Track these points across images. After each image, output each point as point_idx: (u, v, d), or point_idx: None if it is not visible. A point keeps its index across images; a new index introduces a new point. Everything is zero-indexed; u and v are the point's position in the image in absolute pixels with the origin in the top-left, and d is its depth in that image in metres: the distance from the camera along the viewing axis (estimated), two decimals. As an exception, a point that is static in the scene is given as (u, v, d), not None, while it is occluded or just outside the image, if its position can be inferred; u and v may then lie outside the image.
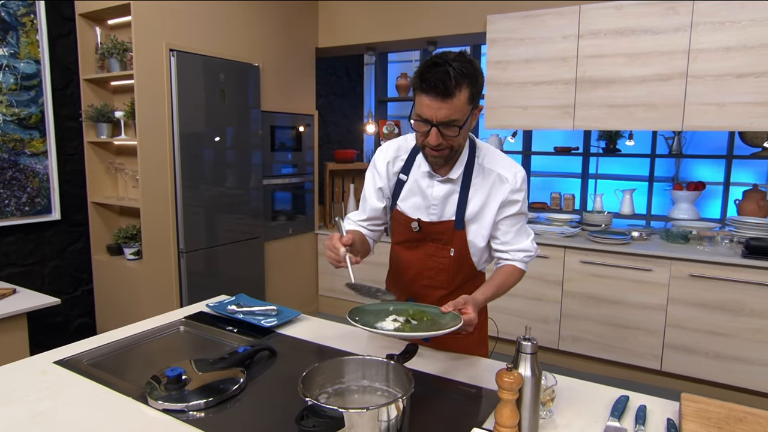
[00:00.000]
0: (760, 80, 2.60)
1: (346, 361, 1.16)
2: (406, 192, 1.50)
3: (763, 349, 2.65)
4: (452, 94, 1.23)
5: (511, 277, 1.48)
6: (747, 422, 1.14)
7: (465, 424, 1.19)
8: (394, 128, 5.13)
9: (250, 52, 3.48)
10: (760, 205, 3.45)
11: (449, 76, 1.21)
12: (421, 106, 1.27)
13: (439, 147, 1.31)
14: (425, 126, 1.29)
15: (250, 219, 3.53)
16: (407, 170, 1.50)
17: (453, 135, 1.29)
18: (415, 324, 1.29)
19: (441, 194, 1.46)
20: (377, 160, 1.54)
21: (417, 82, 1.26)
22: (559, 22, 3.04)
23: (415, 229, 1.49)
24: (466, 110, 1.27)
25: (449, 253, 1.48)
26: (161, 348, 1.65)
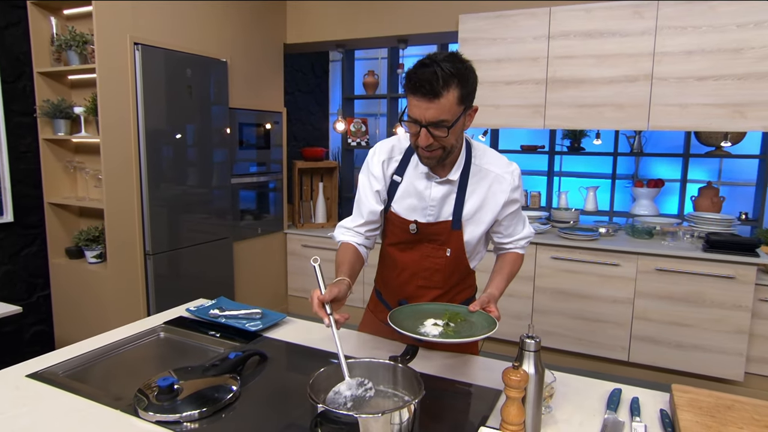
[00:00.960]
0: (719, 83, 2.74)
1: (351, 364, 1.13)
2: (400, 193, 1.48)
3: (722, 338, 2.80)
4: (439, 95, 1.22)
5: (516, 264, 1.54)
6: (735, 409, 1.19)
7: (468, 422, 1.19)
8: (362, 126, 5.11)
9: (218, 47, 3.38)
10: (713, 201, 3.64)
11: (437, 77, 1.20)
12: (411, 107, 1.27)
13: (430, 147, 1.31)
14: (415, 126, 1.28)
15: (218, 219, 3.42)
16: (402, 171, 1.48)
17: (442, 135, 1.28)
18: (453, 326, 1.30)
19: (439, 195, 1.44)
20: (372, 163, 1.50)
21: (406, 83, 1.26)
22: (531, 23, 3.10)
23: (413, 231, 1.48)
24: (456, 111, 1.26)
25: (445, 253, 1.48)
26: (142, 356, 1.57)
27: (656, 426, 1.20)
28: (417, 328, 1.27)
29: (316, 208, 4.40)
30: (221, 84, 3.37)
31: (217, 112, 3.35)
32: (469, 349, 1.63)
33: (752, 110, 2.69)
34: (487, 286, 1.47)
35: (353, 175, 5.13)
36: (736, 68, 2.70)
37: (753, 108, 2.69)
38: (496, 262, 1.57)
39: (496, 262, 1.57)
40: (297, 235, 4.12)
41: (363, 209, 1.50)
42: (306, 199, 4.43)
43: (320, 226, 4.30)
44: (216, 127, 3.34)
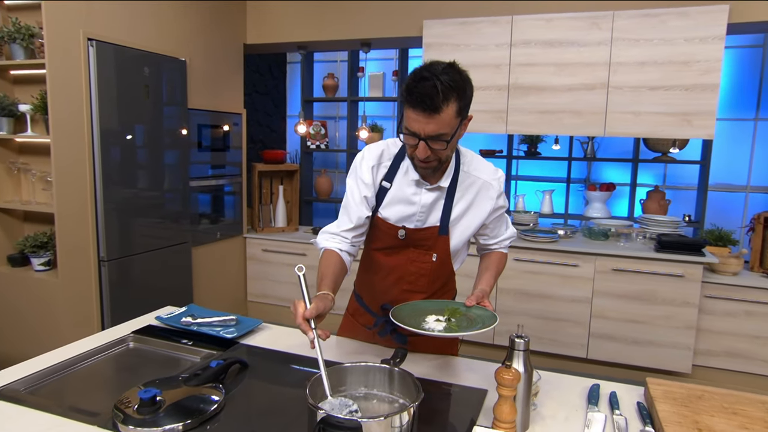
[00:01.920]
0: (669, 93, 2.91)
1: (348, 368, 1.12)
2: (389, 199, 1.47)
3: (672, 334, 2.96)
4: (440, 109, 1.21)
5: (501, 262, 1.59)
6: (705, 399, 1.26)
7: (460, 422, 1.20)
8: (321, 129, 5.07)
9: (176, 45, 3.26)
10: (660, 204, 3.85)
11: (437, 91, 1.20)
12: (409, 120, 1.26)
13: (428, 159, 1.31)
14: (413, 139, 1.28)
15: (176, 223, 3.30)
16: (391, 177, 1.46)
17: (441, 148, 1.28)
18: (455, 321, 1.32)
19: (429, 201, 1.45)
20: (362, 169, 1.46)
21: (405, 96, 1.24)
22: (494, 30, 3.18)
23: (401, 237, 1.47)
24: (455, 123, 1.26)
25: (431, 258, 1.48)
26: (113, 367, 1.49)
27: (635, 418, 1.25)
28: (420, 325, 1.28)
29: (276, 211, 4.32)
30: (180, 84, 3.25)
31: (175, 112, 3.24)
32: (450, 350, 1.65)
33: (698, 119, 2.87)
34: (477, 283, 1.50)
35: (312, 178, 5.08)
36: (684, 79, 2.87)
37: (698, 117, 2.87)
38: (482, 261, 1.59)
39: (481, 261, 1.59)
40: (257, 239, 4.04)
41: (352, 214, 1.46)
42: (266, 202, 4.34)
43: (281, 230, 4.23)
44: (174, 128, 3.22)
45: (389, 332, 1.56)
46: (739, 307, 2.89)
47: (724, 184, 4.04)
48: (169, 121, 3.18)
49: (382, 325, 1.57)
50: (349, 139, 4.85)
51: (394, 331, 1.55)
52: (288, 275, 3.96)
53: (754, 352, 2.90)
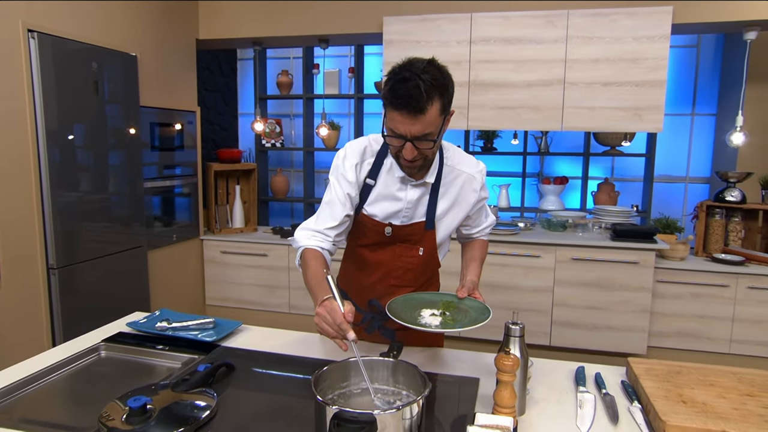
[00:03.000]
0: (621, 89, 3.05)
1: (352, 363, 1.10)
2: (374, 197, 1.46)
3: (629, 318, 3.12)
4: (424, 110, 1.20)
5: (484, 249, 1.62)
6: (683, 374, 1.34)
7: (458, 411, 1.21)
8: (276, 126, 4.98)
9: (126, 39, 3.10)
10: (610, 195, 4.04)
11: (420, 91, 1.18)
12: (394, 122, 1.24)
13: (414, 159, 1.31)
14: (399, 141, 1.27)
15: (130, 226, 3.14)
16: (375, 174, 1.45)
17: (428, 148, 1.29)
18: (449, 315, 1.32)
19: (415, 197, 1.45)
20: (344, 166, 1.44)
21: (387, 98, 1.23)
22: (453, 27, 3.22)
23: (388, 234, 1.47)
24: (439, 122, 1.26)
25: (418, 252, 1.49)
26: (85, 378, 1.40)
27: (621, 396, 1.31)
28: (417, 320, 1.28)
29: (233, 212, 4.19)
30: (131, 80, 3.09)
31: (127, 110, 3.08)
32: (436, 341, 1.66)
33: (647, 113, 3.04)
34: (464, 273, 1.51)
35: (268, 177, 4.97)
36: (634, 76, 3.03)
37: (648, 111, 3.04)
38: (466, 251, 1.61)
39: (465, 251, 1.61)
40: (214, 241, 3.91)
41: (336, 212, 1.41)
42: (222, 203, 4.21)
43: (239, 230, 4.11)
44: (126, 127, 3.06)
45: (377, 328, 1.55)
46: (686, 290, 3.09)
47: (666, 175, 4.30)
48: (120, 119, 3.02)
49: (370, 321, 1.56)
50: (306, 137, 4.78)
51: (381, 326, 1.54)
52: (249, 277, 3.86)
53: (701, 330, 3.10)
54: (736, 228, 3.21)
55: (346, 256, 1.64)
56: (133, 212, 3.14)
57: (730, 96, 3.93)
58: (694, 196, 4.32)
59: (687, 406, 1.17)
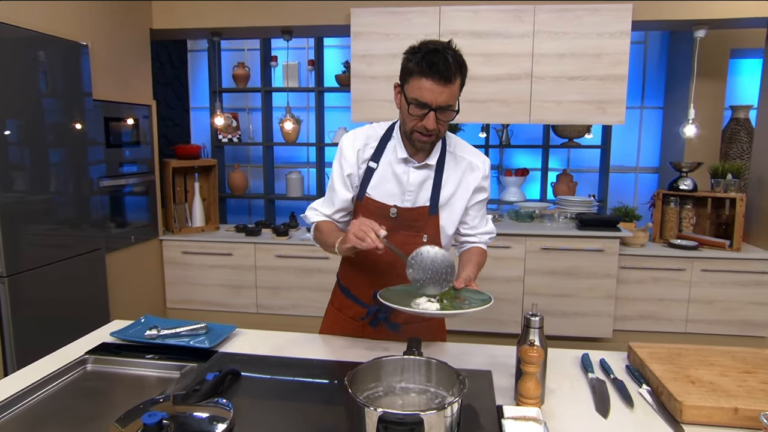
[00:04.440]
0: (586, 83, 3.16)
1: (383, 362, 1.07)
2: (377, 179, 1.47)
3: (596, 304, 3.25)
4: (452, 80, 1.28)
5: (482, 256, 1.57)
6: (683, 355, 1.40)
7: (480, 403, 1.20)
8: (232, 121, 4.81)
9: (77, 27, 2.88)
10: (569, 186, 4.19)
11: (449, 63, 1.26)
12: (421, 90, 1.28)
13: (432, 132, 1.34)
14: (422, 110, 1.30)
15: (87, 228, 2.93)
16: (377, 158, 1.48)
17: (447, 120, 1.34)
18: (447, 302, 1.31)
19: (417, 180, 1.46)
20: (345, 149, 1.49)
21: (420, 66, 1.27)
22: (422, 20, 3.22)
23: (393, 216, 1.46)
24: (457, 97, 1.34)
25: (422, 240, 1.48)
26: (76, 395, 1.29)
27: (628, 380, 1.35)
28: (412, 307, 1.28)
29: (192, 210, 4.02)
30: (83, 71, 2.88)
31: (79, 103, 2.86)
32: (440, 336, 1.65)
33: (610, 106, 3.16)
34: (460, 271, 1.47)
35: (225, 173, 4.80)
36: (597, 70, 3.14)
37: (611, 105, 3.16)
38: (463, 255, 1.58)
39: (462, 256, 1.58)
40: (174, 241, 3.73)
41: (335, 197, 1.51)
42: (179, 200, 4.02)
43: (199, 230, 3.94)
44: (79, 122, 2.85)
45: (382, 320, 1.53)
46: (647, 275, 3.25)
47: (618, 165, 4.51)
48: (71, 113, 2.80)
49: (375, 314, 1.53)
50: (265, 132, 4.65)
51: (386, 319, 1.52)
52: (213, 278, 3.71)
53: (661, 312, 3.28)
54: (689, 215, 3.41)
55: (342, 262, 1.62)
56: (83, 213, 2.92)
57: (676, 90, 4.17)
58: (644, 185, 4.56)
59: (696, 386, 1.22)
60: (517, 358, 1.24)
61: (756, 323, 3.22)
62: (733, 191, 3.26)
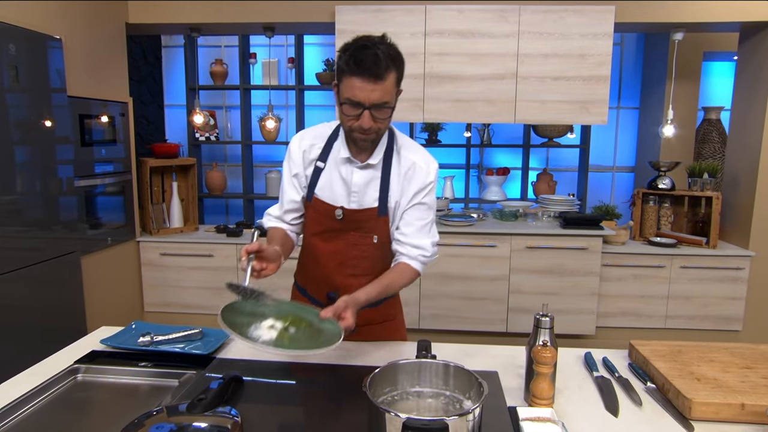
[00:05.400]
0: (570, 83, 3.20)
1: (400, 366, 1.05)
2: (324, 180, 1.46)
3: (580, 301, 3.29)
4: (383, 76, 1.24)
5: (402, 276, 1.42)
6: (684, 352, 1.42)
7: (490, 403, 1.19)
8: (210, 119, 4.70)
9: (49, 20, 2.75)
10: (549, 185, 4.24)
11: (379, 58, 1.23)
12: (353, 89, 1.26)
13: (370, 130, 1.31)
14: (356, 109, 1.28)
15: (62, 230, 2.81)
16: (324, 158, 1.47)
17: (384, 117, 1.31)
18: (293, 332, 1.19)
19: (362, 181, 1.43)
20: (292, 149, 1.50)
21: (348, 65, 1.25)
22: (408, 19, 3.20)
23: (338, 217, 1.45)
24: (394, 93, 1.31)
25: (372, 240, 1.46)
26: (69, 408, 1.23)
27: (632, 378, 1.36)
28: (248, 330, 1.17)
29: (170, 211, 3.90)
30: (56, 66, 2.75)
31: (54, 100, 2.74)
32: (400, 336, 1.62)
33: (594, 107, 3.21)
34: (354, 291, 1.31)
35: (203, 173, 4.69)
36: (581, 71, 3.18)
37: (594, 105, 3.21)
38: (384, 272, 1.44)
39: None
40: (152, 242, 3.62)
41: (284, 197, 1.52)
42: (156, 200, 3.90)
43: (178, 230, 3.83)
44: (51, 119, 2.72)
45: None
46: (628, 272, 3.32)
47: (595, 165, 4.59)
48: (44, 110, 2.68)
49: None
50: (244, 130, 4.56)
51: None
52: (192, 280, 3.61)
53: (641, 309, 3.35)
54: (667, 213, 3.49)
55: (302, 250, 1.60)
56: (56, 214, 2.80)
57: (652, 91, 4.27)
58: (620, 184, 4.66)
59: (701, 383, 1.24)
60: (528, 359, 1.24)
61: (731, 318, 3.32)
62: (709, 190, 3.35)
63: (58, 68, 2.77)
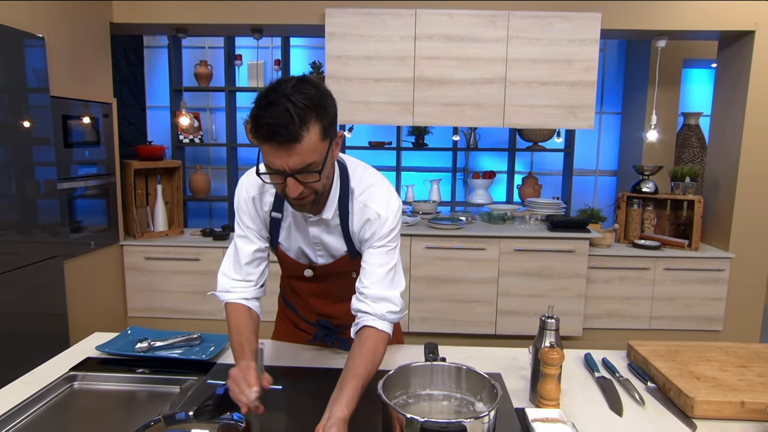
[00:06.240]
0: (557, 88, 3.25)
1: (412, 369, 1.04)
2: (285, 232, 1.31)
3: (567, 303, 3.34)
4: (299, 138, 1.00)
5: (377, 354, 1.16)
6: (681, 352, 1.45)
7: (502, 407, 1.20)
8: (194, 121, 4.63)
9: (31, 18, 2.68)
10: (534, 188, 4.29)
11: (290, 116, 0.98)
12: (267, 156, 1.04)
13: (302, 195, 1.09)
14: (279, 178, 1.06)
15: (44, 233, 2.73)
16: (280, 207, 1.28)
17: (314, 181, 1.07)
18: None
19: (321, 234, 1.29)
20: (239, 201, 1.29)
21: (254, 129, 1.01)
22: (398, 23, 3.21)
23: (308, 276, 1.36)
24: (322, 148, 1.05)
25: (352, 276, 1.34)
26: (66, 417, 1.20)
27: (633, 378, 1.39)
28: None
29: (155, 214, 3.83)
30: (38, 66, 2.68)
31: (36, 101, 2.67)
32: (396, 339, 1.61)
33: (581, 111, 3.27)
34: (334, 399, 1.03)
35: (186, 175, 4.62)
36: (568, 76, 3.23)
37: (581, 110, 3.27)
38: (351, 349, 1.18)
39: (351, 348, 1.19)
40: (136, 246, 3.55)
41: (241, 253, 1.30)
42: (140, 203, 3.82)
43: (163, 234, 3.76)
44: (35, 120, 2.65)
45: (331, 343, 1.50)
46: (613, 274, 3.38)
47: (579, 169, 4.66)
48: (28, 111, 2.60)
49: (323, 336, 1.50)
50: (229, 132, 4.50)
51: (336, 339, 1.49)
52: (178, 284, 3.55)
53: (626, 310, 3.42)
54: (650, 216, 3.57)
55: (282, 281, 1.54)
56: (48, 218, 2.74)
57: (633, 96, 4.36)
58: (603, 188, 4.75)
59: (701, 381, 1.26)
60: (534, 360, 1.25)
61: (712, 318, 3.41)
62: (691, 193, 3.44)
63: (41, 67, 2.70)
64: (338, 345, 1.49)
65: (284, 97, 0.99)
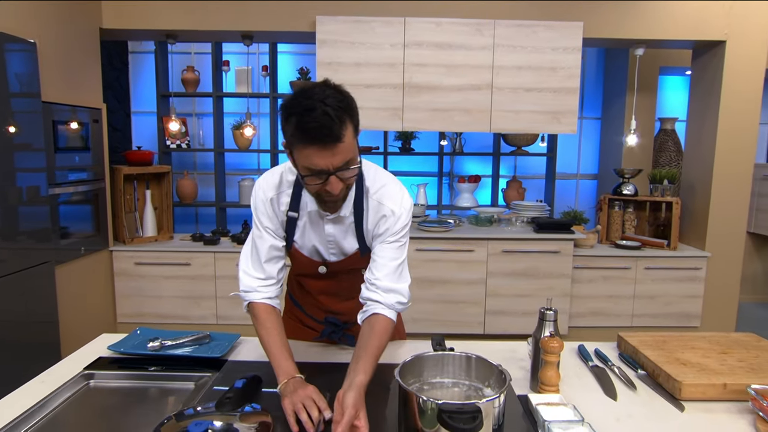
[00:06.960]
0: (541, 94, 3.36)
1: (425, 358, 1.11)
2: (301, 230, 1.37)
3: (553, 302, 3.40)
4: (341, 137, 1.08)
5: (384, 336, 1.25)
6: (668, 342, 1.54)
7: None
8: (182, 127, 4.64)
9: (21, 22, 2.69)
10: (519, 192, 4.41)
11: (331, 118, 1.06)
12: (310, 159, 1.10)
13: (340, 192, 1.18)
14: (320, 178, 1.13)
15: (34, 239, 2.72)
16: (296, 206, 1.34)
17: (352, 175, 1.17)
18: None
19: (336, 231, 1.36)
20: (257, 203, 1.35)
21: (297, 135, 1.09)
22: (387, 30, 3.29)
23: (322, 272, 1.42)
24: (355, 145, 1.15)
25: (361, 273, 1.39)
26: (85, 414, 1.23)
27: (624, 366, 1.47)
28: None
29: (144, 219, 3.83)
30: (30, 71, 2.68)
31: (28, 106, 2.67)
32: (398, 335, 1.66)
33: (564, 117, 3.39)
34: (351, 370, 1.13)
35: (174, 180, 4.61)
36: (552, 83, 3.35)
37: (565, 115, 3.39)
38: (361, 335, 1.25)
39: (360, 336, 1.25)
40: (127, 252, 3.54)
41: (261, 249, 1.35)
42: (129, 208, 3.82)
43: (152, 239, 3.76)
44: (26, 126, 2.65)
45: (338, 339, 1.56)
46: (597, 274, 3.50)
47: (561, 172, 4.80)
48: (19, 116, 2.60)
49: (330, 333, 1.55)
50: (217, 138, 4.52)
51: (343, 335, 1.55)
52: (169, 289, 3.56)
53: (610, 308, 3.54)
54: (631, 217, 3.70)
55: (290, 278, 1.60)
56: (38, 223, 2.73)
57: (612, 102, 4.52)
58: (584, 191, 4.89)
59: (687, 367, 1.35)
60: (535, 350, 1.32)
61: (690, 315, 3.55)
62: (669, 195, 3.58)
63: (32, 72, 2.70)
64: (345, 341, 1.54)
65: (320, 102, 1.07)
